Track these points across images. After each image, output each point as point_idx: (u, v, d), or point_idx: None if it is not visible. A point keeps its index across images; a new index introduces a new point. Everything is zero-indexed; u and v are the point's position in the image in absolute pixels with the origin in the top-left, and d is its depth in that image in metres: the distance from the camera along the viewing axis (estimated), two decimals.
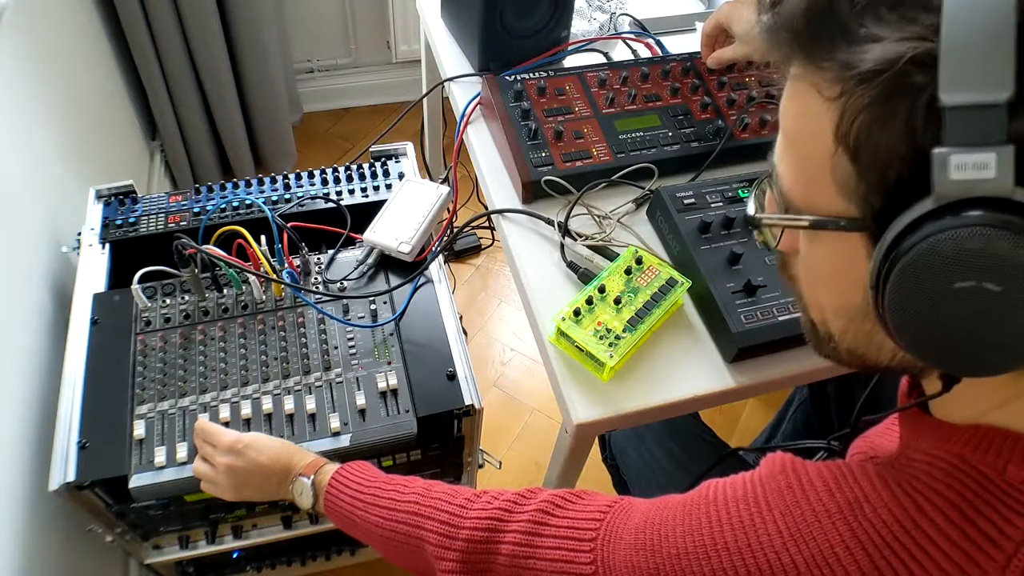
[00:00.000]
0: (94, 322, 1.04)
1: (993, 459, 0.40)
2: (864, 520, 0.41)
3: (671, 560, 0.49)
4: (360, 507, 0.74)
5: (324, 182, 1.23)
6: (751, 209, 0.50)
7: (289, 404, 0.96)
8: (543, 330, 0.89)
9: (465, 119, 1.16)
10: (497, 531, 0.62)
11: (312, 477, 0.81)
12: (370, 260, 1.11)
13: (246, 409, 0.96)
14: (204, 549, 1.10)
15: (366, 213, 1.14)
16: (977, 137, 0.33)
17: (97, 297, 1.07)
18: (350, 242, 1.14)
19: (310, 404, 0.95)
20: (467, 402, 0.97)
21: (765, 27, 0.41)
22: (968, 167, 0.33)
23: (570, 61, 1.28)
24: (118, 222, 1.16)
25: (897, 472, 0.43)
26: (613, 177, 1.02)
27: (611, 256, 0.95)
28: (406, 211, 1.12)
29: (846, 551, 0.41)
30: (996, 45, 0.32)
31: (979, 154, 0.33)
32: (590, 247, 0.96)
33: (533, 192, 1.01)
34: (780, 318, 0.85)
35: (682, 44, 1.33)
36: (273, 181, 1.23)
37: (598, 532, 0.56)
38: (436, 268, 1.11)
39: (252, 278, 1.04)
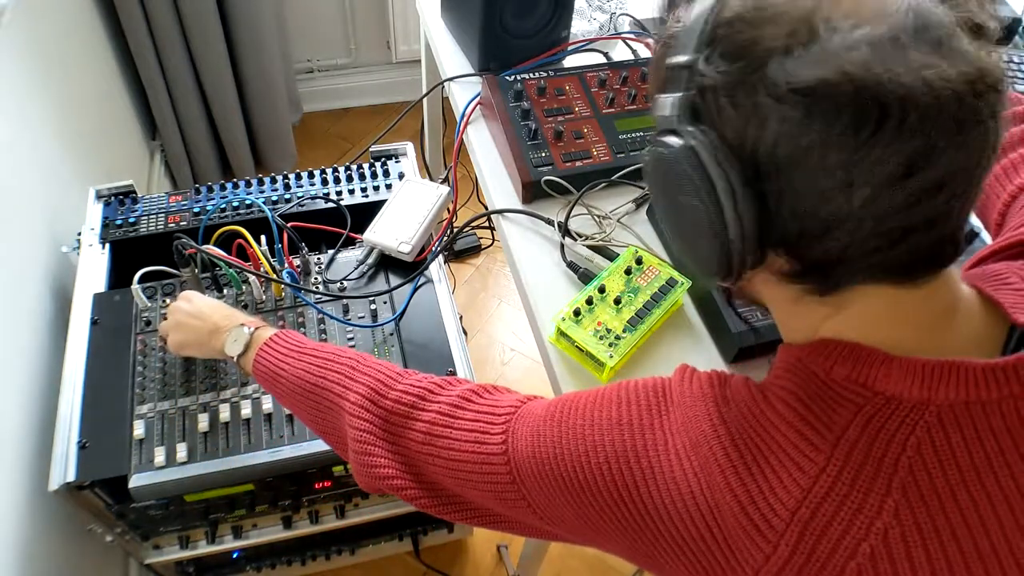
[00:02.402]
0: (94, 322, 1.04)
1: (822, 361, 0.49)
2: (728, 408, 0.51)
3: (575, 429, 0.55)
4: (291, 361, 0.76)
5: (324, 182, 1.23)
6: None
7: None
8: (543, 330, 0.89)
9: (465, 119, 1.16)
10: (422, 402, 0.66)
11: (252, 329, 0.82)
12: (370, 260, 1.11)
13: (246, 409, 0.96)
14: (204, 549, 1.10)
15: (366, 213, 1.14)
16: (673, 86, 0.46)
17: (97, 297, 1.07)
18: (350, 242, 1.14)
19: None
20: None
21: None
22: (663, 107, 0.47)
23: (570, 61, 1.28)
24: (118, 222, 1.16)
25: (761, 383, 0.53)
26: (613, 177, 1.02)
27: (611, 256, 0.95)
28: (406, 211, 1.12)
29: (712, 429, 0.50)
30: (691, 31, 0.45)
31: (666, 97, 0.47)
32: (590, 247, 0.96)
33: (533, 192, 1.01)
34: None
35: None
36: (273, 181, 1.23)
37: (516, 410, 0.61)
38: (436, 268, 1.11)
39: (252, 278, 1.05)
